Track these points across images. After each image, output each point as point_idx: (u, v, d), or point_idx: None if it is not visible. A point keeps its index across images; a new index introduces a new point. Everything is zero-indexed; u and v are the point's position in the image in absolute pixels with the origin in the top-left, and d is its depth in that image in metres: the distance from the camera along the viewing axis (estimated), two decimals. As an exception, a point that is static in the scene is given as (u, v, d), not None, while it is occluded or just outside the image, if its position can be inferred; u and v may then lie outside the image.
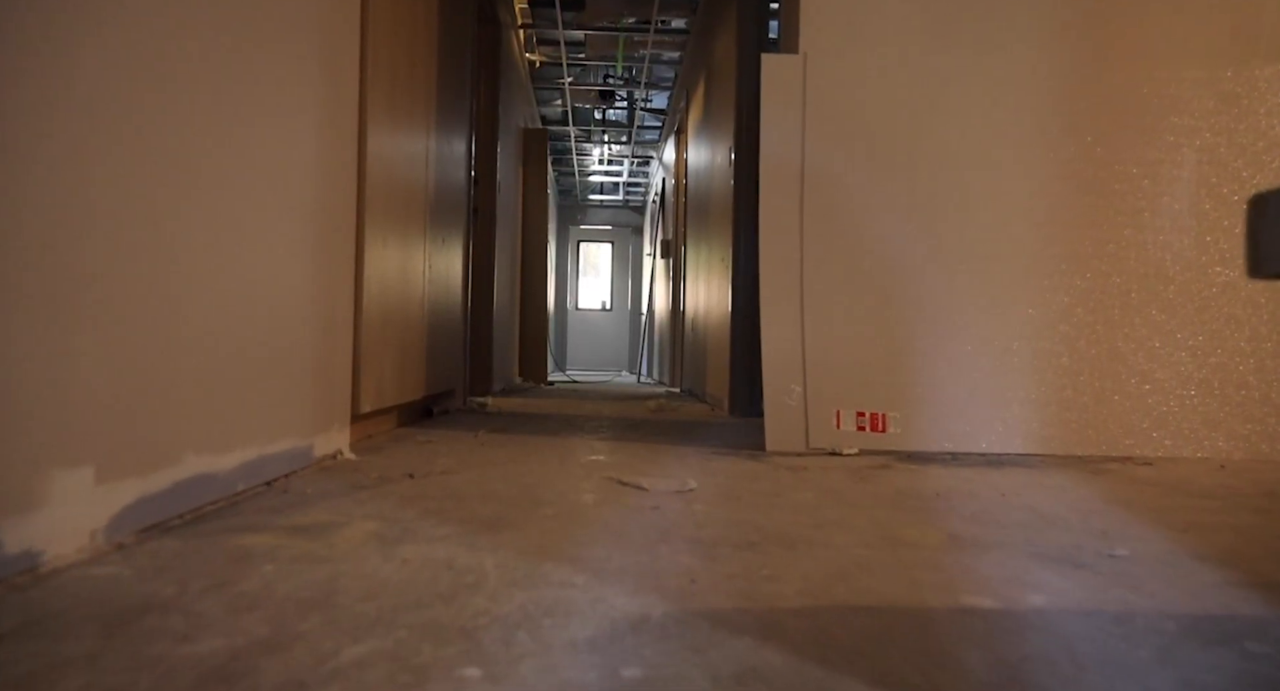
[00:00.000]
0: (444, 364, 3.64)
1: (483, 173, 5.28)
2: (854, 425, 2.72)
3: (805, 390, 2.75)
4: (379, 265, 2.52)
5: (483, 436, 2.91)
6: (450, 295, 3.79)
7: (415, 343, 3.05)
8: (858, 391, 2.74)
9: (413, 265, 2.99)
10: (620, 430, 3.28)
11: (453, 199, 3.79)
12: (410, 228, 2.92)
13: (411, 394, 3.01)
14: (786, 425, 2.72)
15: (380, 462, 2.16)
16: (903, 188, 2.82)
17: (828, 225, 2.83)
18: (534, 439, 2.87)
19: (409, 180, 2.89)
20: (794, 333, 2.79)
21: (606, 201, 13.63)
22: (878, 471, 2.24)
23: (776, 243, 2.83)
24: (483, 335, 5.28)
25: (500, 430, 3.16)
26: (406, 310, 2.90)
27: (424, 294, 3.18)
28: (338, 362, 2.15)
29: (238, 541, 1.25)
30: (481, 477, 1.96)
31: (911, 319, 2.77)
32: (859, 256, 2.81)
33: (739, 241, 4.24)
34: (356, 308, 2.32)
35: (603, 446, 2.70)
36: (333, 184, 2.08)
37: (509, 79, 6.09)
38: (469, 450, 2.49)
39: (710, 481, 1.99)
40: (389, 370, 2.67)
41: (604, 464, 2.26)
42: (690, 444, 2.84)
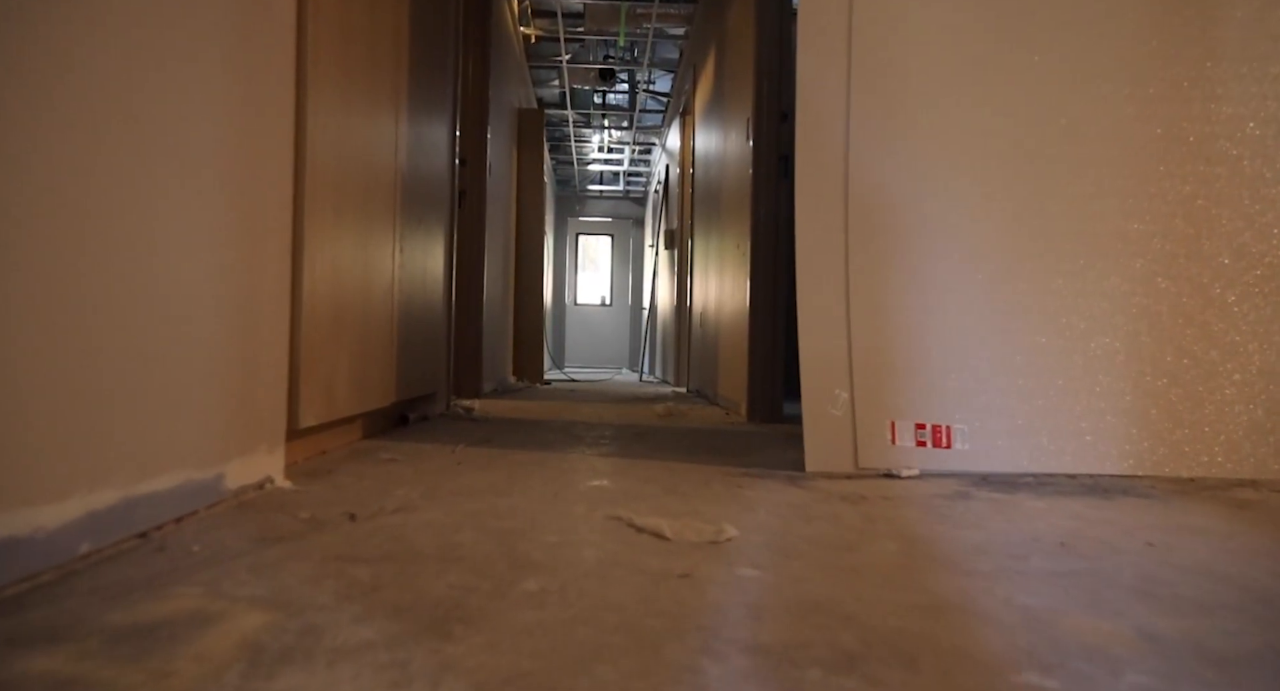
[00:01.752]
0: (422, 365, 3.16)
1: (471, 153, 4.79)
2: (912, 439, 2.24)
3: (853, 397, 2.27)
4: (328, 258, 2.04)
5: (462, 452, 2.42)
6: (430, 290, 3.30)
7: (382, 343, 2.57)
8: (916, 398, 2.26)
9: (378, 258, 2.50)
10: (625, 441, 2.80)
11: (432, 187, 3.31)
12: (374, 217, 2.44)
13: (377, 401, 2.52)
14: (831, 440, 2.24)
15: (320, 494, 1.67)
16: (971, 157, 2.33)
17: (877, 201, 2.34)
18: (523, 455, 2.38)
19: (372, 166, 2.41)
20: (838, 328, 2.31)
21: (606, 192, 13.13)
22: (958, 504, 1.75)
23: (815, 223, 2.34)
24: (471, 332, 4.79)
25: (485, 442, 2.67)
26: (369, 307, 2.42)
27: (394, 289, 2.70)
28: (266, 368, 1.67)
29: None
30: (448, 519, 1.47)
31: (980, 310, 2.28)
32: (915, 237, 2.33)
33: (758, 228, 3.76)
34: (294, 304, 1.84)
35: (606, 465, 2.22)
36: (255, 168, 1.60)
37: (501, 53, 5.59)
38: (441, 472, 2.01)
39: (750, 521, 1.50)
40: (345, 375, 2.18)
41: (608, 492, 1.78)
42: (711, 460, 2.36)
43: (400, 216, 2.76)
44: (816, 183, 2.37)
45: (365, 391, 2.37)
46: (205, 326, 1.41)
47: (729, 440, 2.95)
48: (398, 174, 2.70)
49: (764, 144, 3.75)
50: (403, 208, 2.79)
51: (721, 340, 4.73)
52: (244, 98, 1.54)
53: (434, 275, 3.37)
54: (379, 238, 2.50)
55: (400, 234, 2.77)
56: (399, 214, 2.74)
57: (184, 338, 1.34)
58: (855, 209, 2.35)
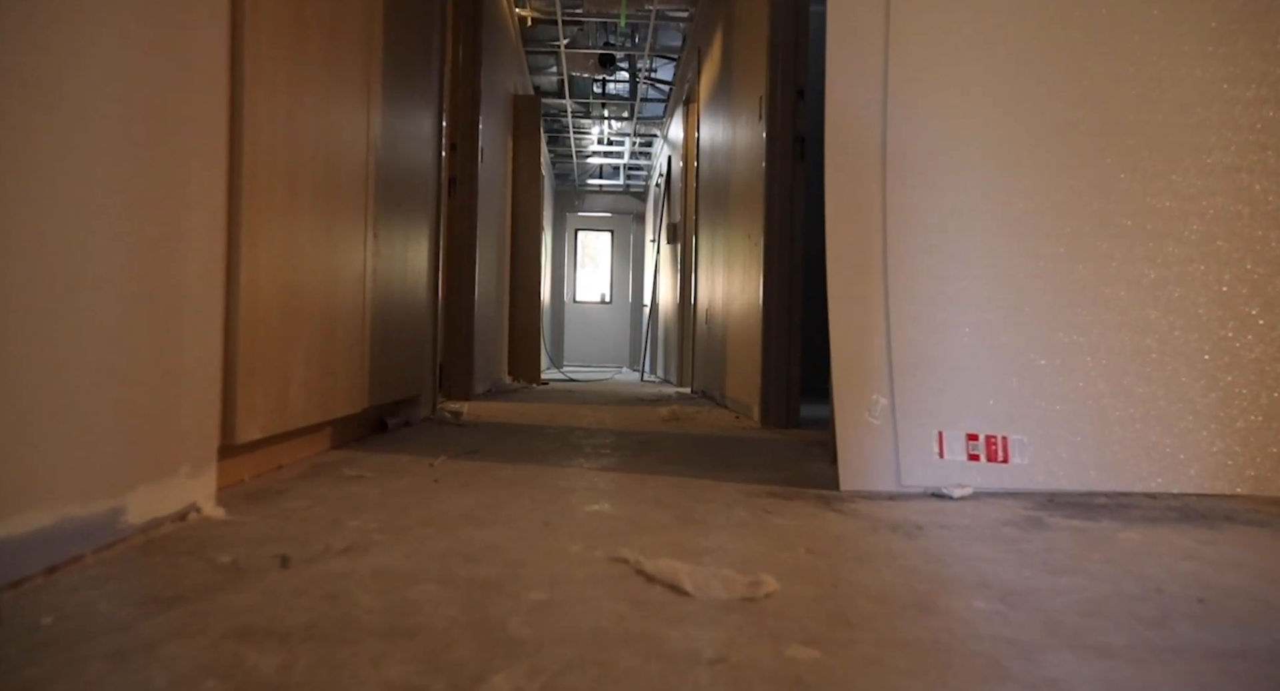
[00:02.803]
0: (402, 366, 2.85)
1: (462, 138, 4.48)
2: (963, 453, 1.93)
3: (893, 403, 1.95)
4: (278, 246, 1.73)
5: (442, 466, 2.11)
6: (412, 285, 2.99)
7: (351, 342, 2.25)
8: (967, 405, 1.95)
9: (346, 250, 2.19)
10: (629, 451, 2.49)
11: (414, 176, 2.99)
12: (340, 206, 2.13)
13: (345, 406, 2.21)
14: (869, 453, 1.93)
15: (256, 526, 1.36)
16: (1030, 128, 2.02)
17: (919, 178, 2.03)
18: (512, 469, 2.07)
19: (337, 151, 2.10)
20: (875, 323, 2.00)
21: (606, 186, 12.81)
22: (1035, 535, 1.44)
23: (847, 205, 2.03)
24: (461, 331, 4.48)
25: (470, 453, 2.36)
26: (335, 303, 2.11)
27: (367, 283, 2.39)
28: (190, 372, 1.35)
29: None
30: (407, 563, 1.16)
31: (1041, 302, 1.97)
32: (965, 219, 2.01)
33: (772, 216, 3.44)
34: (231, 296, 1.53)
35: (607, 482, 1.90)
36: (171, 141, 1.29)
37: (494, 35, 5.28)
38: (412, 493, 1.70)
39: (789, 564, 1.19)
40: (301, 378, 1.87)
41: (611, 521, 1.47)
42: (728, 475, 2.05)
43: (375, 206, 2.45)
44: (849, 157, 2.06)
45: (329, 397, 2.06)
46: (96, 318, 1.10)
47: (744, 449, 2.64)
48: (370, 161, 2.39)
49: (779, 124, 3.43)
50: (378, 197, 2.48)
51: (730, 339, 4.42)
52: (154, 74, 1.23)
53: (417, 269, 3.06)
54: (347, 228, 2.19)
55: (375, 225, 2.46)
56: (373, 203, 2.43)
57: (62, 331, 1.03)
58: (895, 187, 2.04)
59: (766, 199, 3.46)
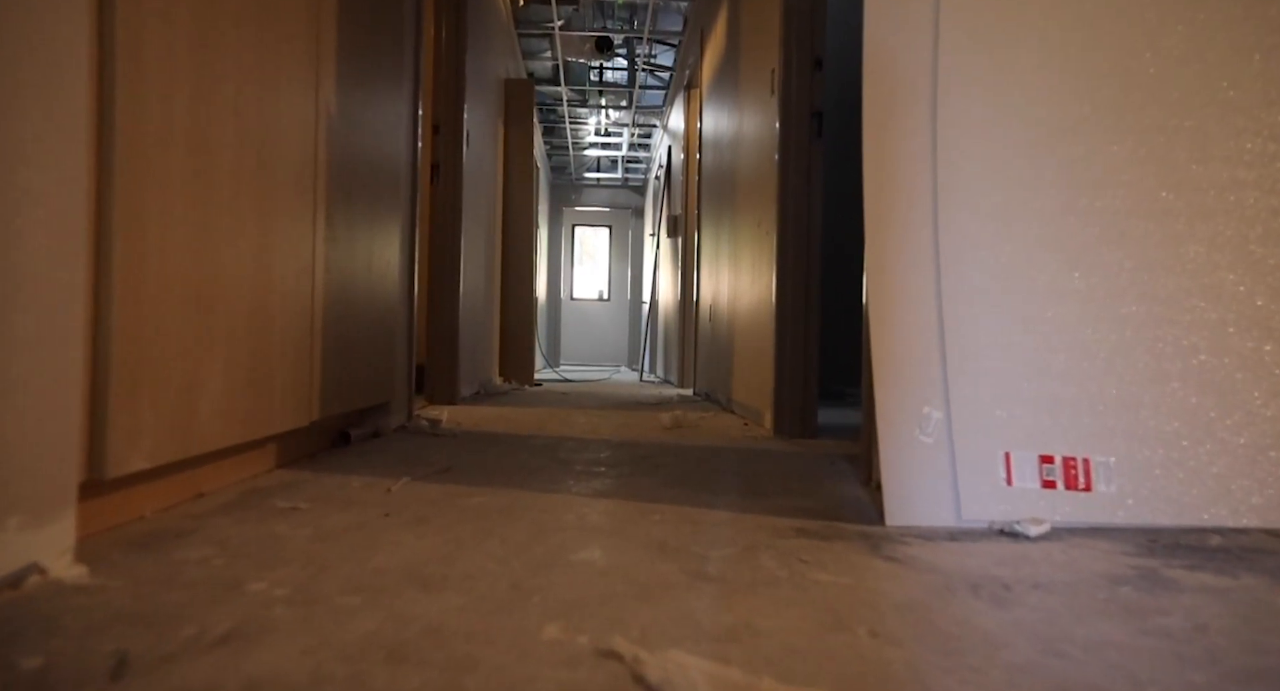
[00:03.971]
0: (366, 371, 2.49)
1: (445, 122, 4.12)
2: (1036, 479, 1.57)
3: (949, 417, 1.60)
4: (179, 241, 1.37)
5: (401, 490, 1.75)
6: (378, 282, 2.63)
7: (292, 348, 1.90)
8: (1039, 418, 1.59)
9: (283, 244, 1.83)
10: (627, 469, 2.13)
11: (381, 165, 2.62)
12: (275, 196, 1.77)
13: (285, 421, 1.85)
14: (920, 479, 1.57)
15: (116, 596, 1.00)
16: (1113, 84, 1.66)
17: (979, 145, 1.68)
18: (486, 496, 1.71)
19: (269, 138, 1.73)
20: (925, 320, 1.64)
21: (604, 180, 12.44)
22: (1168, 602, 1.08)
23: (890, 176, 1.68)
24: (444, 330, 4.12)
25: (441, 473, 2.00)
26: (268, 303, 1.75)
27: (316, 280, 2.03)
28: (21, 392, 1.00)
29: None
30: (305, 663, 0.80)
31: (1126, 291, 1.62)
32: (1032, 192, 1.66)
33: (786, 201, 3.08)
34: (99, 299, 1.17)
35: (600, 515, 1.55)
36: None
37: (481, 13, 4.92)
38: (351, 534, 1.34)
39: (848, 658, 0.84)
40: (218, 392, 1.51)
41: (602, 579, 1.11)
42: (746, 502, 1.69)
43: (328, 194, 2.09)
44: (891, 119, 1.70)
45: (261, 410, 1.70)
46: None
47: (759, 466, 2.28)
48: (320, 146, 2.03)
49: (794, 98, 3.07)
50: (332, 184, 2.12)
51: (737, 338, 4.06)
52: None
53: (385, 265, 2.70)
54: (286, 217, 1.83)
55: (327, 214, 2.10)
56: (324, 191, 2.07)
57: None
58: (947, 154, 1.68)
59: (780, 182, 3.10)
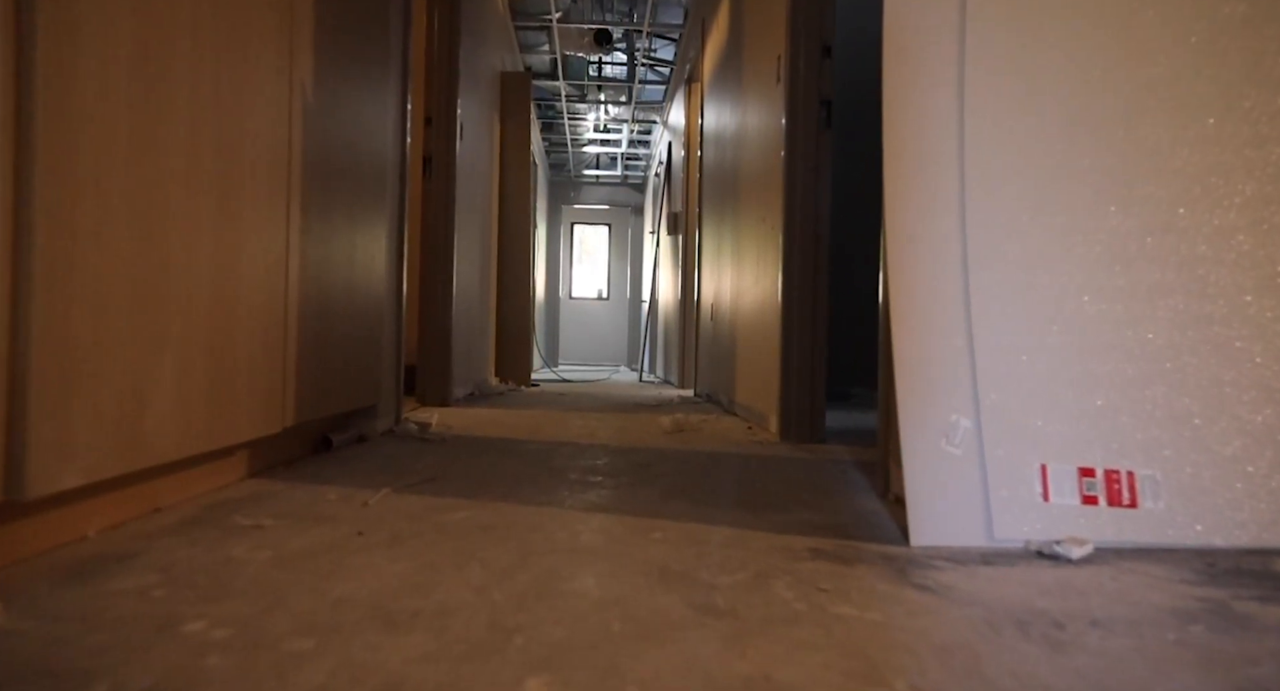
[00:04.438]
0: (349, 373, 2.34)
1: (437, 113, 3.97)
2: (1076, 494, 1.43)
3: (979, 425, 1.45)
4: (120, 233, 1.23)
5: (380, 504, 1.61)
6: (363, 281, 2.48)
7: (262, 349, 1.75)
8: (1078, 427, 1.45)
9: (250, 239, 1.67)
10: (626, 478, 1.99)
11: (365, 158, 2.47)
12: (239, 188, 1.62)
13: (253, 428, 1.71)
14: (948, 494, 1.42)
15: (23, 640, 0.86)
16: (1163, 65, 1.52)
17: (1009, 131, 1.53)
18: (470, 511, 1.57)
19: (233, 129, 1.59)
20: (952, 319, 1.50)
21: (604, 177, 12.29)
22: (1251, 645, 0.94)
23: (913, 172, 1.54)
24: (436, 330, 3.98)
25: (425, 483, 1.86)
26: (231, 302, 1.60)
27: (289, 279, 1.88)
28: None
29: None
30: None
31: (1171, 290, 1.47)
32: (1068, 182, 1.52)
33: (794, 195, 2.94)
34: (14, 294, 1.03)
35: (595, 534, 1.40)
36: None
37: (475, 1, 4.77)
38: (316, 558, 1.20)
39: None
40: (170, 398, 1.37)
41: (595, 613, 0.97)
42: (755, 516, 1.54)
43: (303, 186, 1.95)
44: (913, 100, 1.56)
45: (223, 417, 1.56)
46: None
47: (767, 474, 2.13)
48: (295, 139, 1.89)
49: (801, 86, 2.93)
50: (308, 177, 1.98)
51: (740, 339, 3.91)
52: None
53: (371, 261, 2.56)
54: (254, 210, 1.69)
55: (303, 208, 1.96)
56: (299, 184, 1.92)
57: None
58: (975, 138, 1.54)
59: (786, 174, 2.96)
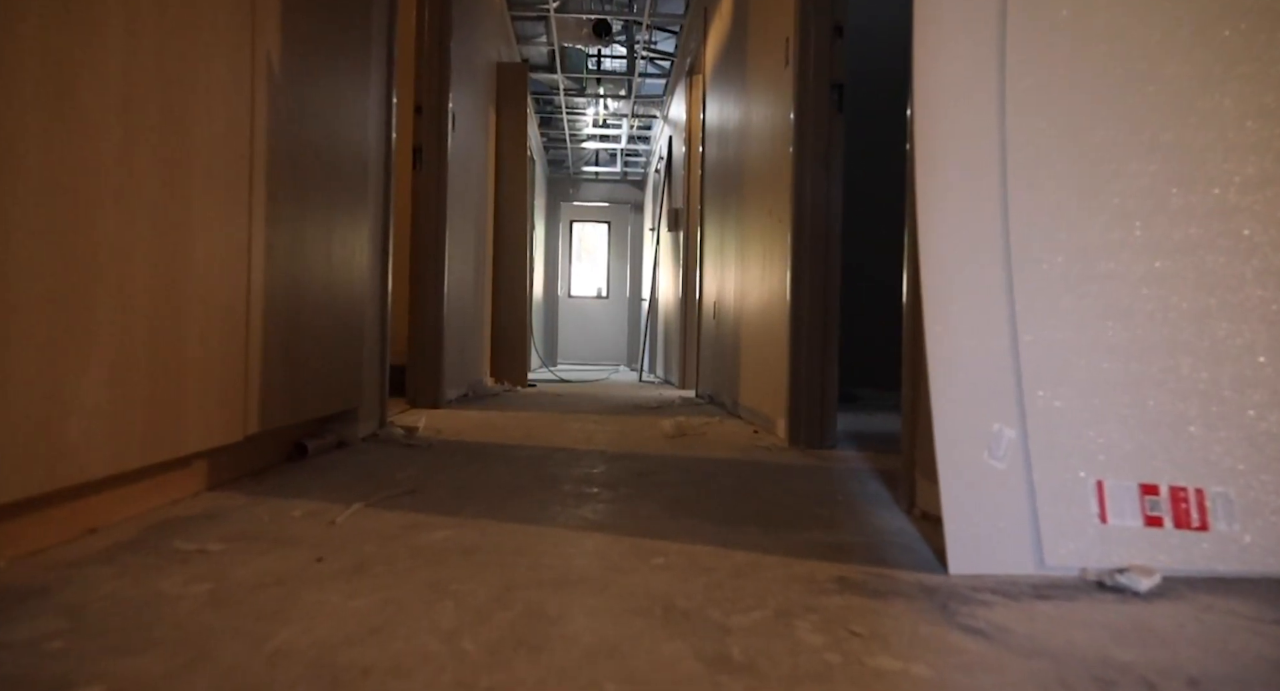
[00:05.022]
0: (324, 375, 2.17)
1: (427, 101, 3.80)
2: (1138, 515, 1.25)
3: (1026, 436, 1.28)
4: (29, 231, 1.06)
5: (349, 521, 1.43)
6: (340, 278, 2.30)
7: (217, 351, 1.58)
8: (1140, 437, 1.27)
9: (200, 233, 1.50)
10: (625, 489, 1.82)
11: (341, 148, 2.28)
12: (187, 172, 1.45)
13: (206, 437, 1.54)
14: (991, 514, 1.25)
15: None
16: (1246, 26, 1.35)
17: (1058, 107, 1.36)
18: (450, 530, 1.39)
19: (175, 98, 1.41)
20: (994, 316, 1.32)
21: (603, 174, 12.11)
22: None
23: (947, 154, 1.36)
24: (426, 328, 3.81)
25: (404, 496, 1.68)
26: (180, 300, 1.43)
27: (250, 277, 1.71)
28: None
29: None
30: None
31: (1242, 282, 1.30)
32: (1127, 164, 1.34)
33: (802, 185, 2.77)
34: None
35: (589, 559, 1.23)
36: None
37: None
38: (262, 593, 1.02)
39: None
40: (98, 408, 1.20)
41: (587, 669, 0.79)
42: (767, 537, 1.37)
43: (269, 174, 1.78)
44: (947, 72, 1.38)
45: (168, 426, 1.38)
46: None
47: (778, 485, 1.96)
48: (259, 117, 1.72)
49: (812, 68, 2.76)
50: (276, 164, 1.81)
51: (745, 338, 3.74)
52: None
53: (351, 258, 2.38)
54: (208, 201, 1.51)
55: (270, 196, 1.78)
56: (264, 170, 1.75)
57: None
58: (1019, 115, 1.36)
59: (795, 162, 2.78)
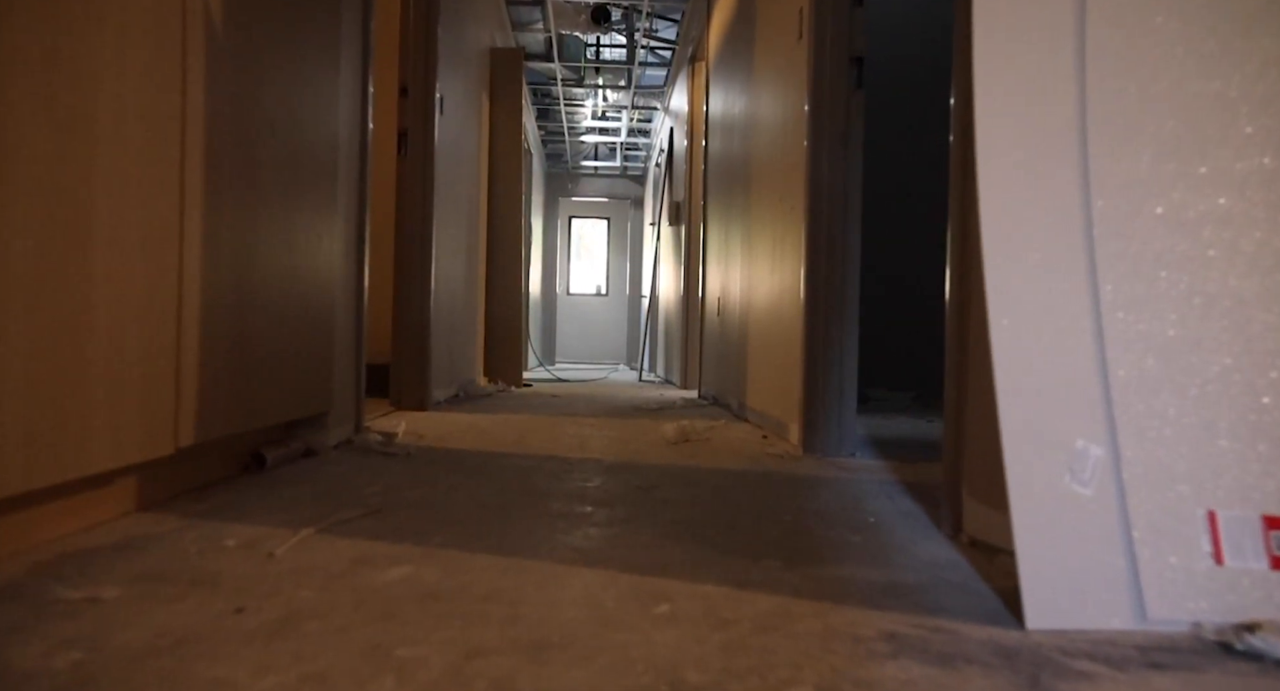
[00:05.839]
0: (287, 378, 1.93)
1: (414, 82, 3.55)
2: (1262, 555, 1.01)
3: (1116, 456, 1.04)
4: None
5: (291, 554, 1.19)
6: (304, 272, 2.05)
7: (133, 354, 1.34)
8: (1264, 461, 1.03)
9: (103, 220, 1.26)
10: (624, 508, 1.57)
11: (303, 130, 2.02)
12: (83, 153, 1.21)
13: (110, 455, 1.29)
14: (1075, 552, 1.01)
15: None
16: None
17: (1149, 48, 1.12)
18: (413, 564, 1.15)
19: (64, 52, 1.17)
20: (1074, 305, 1.08)
21: (602, 169, 11.85)
22: None
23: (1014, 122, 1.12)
24: (412, 326, 3.56)
25: (366, 518, 1.44)
26: (76, 297, 1.19)
27: (183, 269, 1.47)
28: None
29: None
30: None
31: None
32: (1236, 117, 1.10)
33: (818, 170, 2.53)
34: None
35: (579, 609, 0.99)
36: None
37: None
38: (142, 670, 0.78)
39: None
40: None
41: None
42: (796, 579, 1.13)
43: (206, 161, 1.53)
44: (1015, 13, 1.14)
45: (60, 443, 1.14)
46: None
47: (798, 501, 1.71)
48: (193, 90, 1.48)
49: (829, 40, 2.51)
50: (214, 148, 1.56)
51: (753, 336, 3.50)
52: None
53: (317, 250, 2.14)
54: (117, 181, 1.28)
55: (208, 184, 1.54)
56: (199, 156, 1.51)
57: None
58: (1100, 59, 1.12)
59: (810, 145, 2.54)
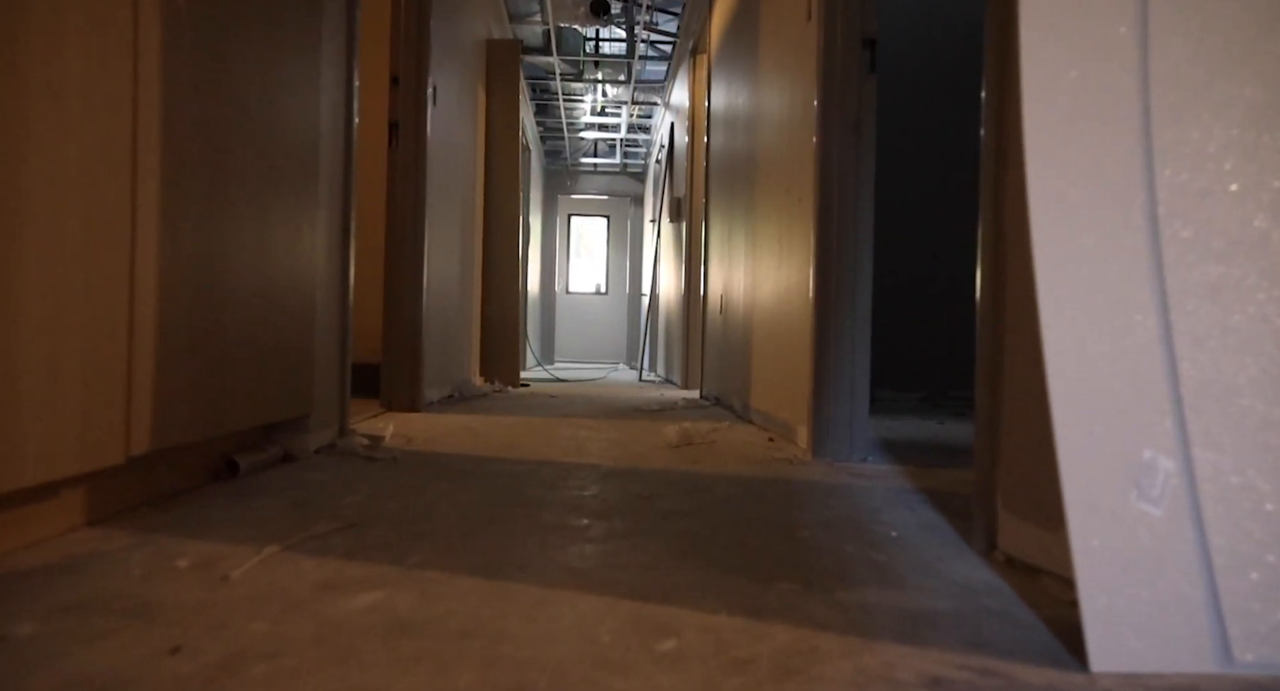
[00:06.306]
0: (262, 379, 1.79)
1: (406, 72, 3.42)
2: (1357, 584, 0.88)
3: (1190, 469, 0.90)
4: None
5: (248, 577, 1.06)
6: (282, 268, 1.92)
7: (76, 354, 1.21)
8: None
9: (37, 202, 1.13)
10: (622, 521, 1.44)
11: (286, 125, 1.90)
12: (25, 134, 1.08)
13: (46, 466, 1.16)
14: (1145, 583, 0.87)
15: None
16: None
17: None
18: (385, 590, 1.02)
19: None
20: (1137, 300, 0.95)
21: (602, 166, 11.72)
22: None
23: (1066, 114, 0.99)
24: (404, 325, 3.43)
25: (339, 532, 1.31)
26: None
27: (135, 264, 1.34)
28: None
29: None
30: None
31: None
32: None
33: (828, 160, 2.39)
34: None
35: (570, 647, 0.85)
36: None
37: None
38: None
39: None
40: None
41: None
42: (818, 608, 0.99)
43: (163, 147, 1.40)
44: None
45: None
46: None
47: (810, 512, 1.58)
48: (145, 75, 1.35)
49: (840, 22, 2.38)
50: (172, 134, 1.43)
51: (758, 334, 3.36)
52: None
53: (296, 245, 2.00)
54: (65, 166, 1.15)
55: (164, 172, 1.41)
56: (155, 140, 1.38)
57: None
58: (1163, 19, 0.99)
59: (820, 134, 2.41)
